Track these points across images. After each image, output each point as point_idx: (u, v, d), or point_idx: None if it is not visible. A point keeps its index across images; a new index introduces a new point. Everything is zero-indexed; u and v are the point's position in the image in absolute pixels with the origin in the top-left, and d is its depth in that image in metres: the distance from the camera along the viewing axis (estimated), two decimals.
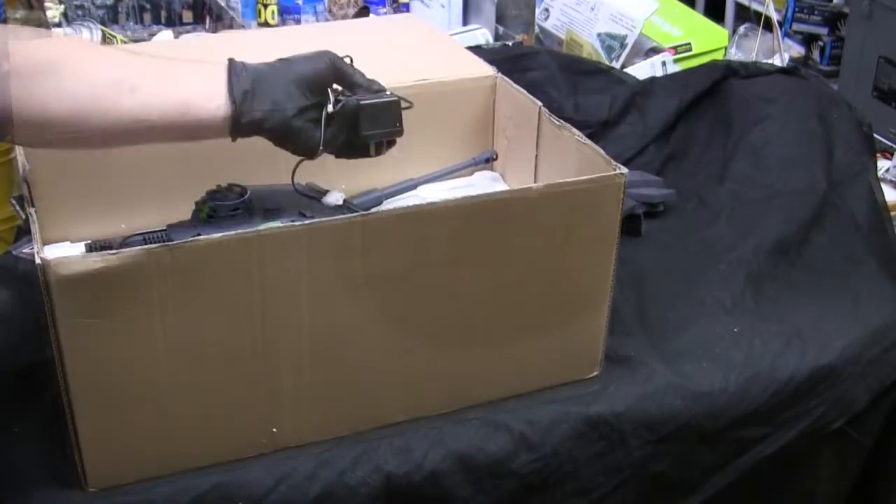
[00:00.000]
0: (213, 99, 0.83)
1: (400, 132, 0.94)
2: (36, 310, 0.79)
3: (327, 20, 2.02)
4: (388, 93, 0.93)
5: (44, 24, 1.69)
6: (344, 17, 2.02)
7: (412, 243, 0.87)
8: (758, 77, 1.46)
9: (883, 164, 1.61)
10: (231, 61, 0.85)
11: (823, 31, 3.22)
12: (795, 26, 3.26)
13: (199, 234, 0.84)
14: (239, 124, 0.83)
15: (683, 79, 1.51)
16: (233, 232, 0.80)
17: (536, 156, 1.12)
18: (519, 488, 0.95)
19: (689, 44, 1.85)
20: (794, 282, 1.17)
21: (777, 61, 1.98)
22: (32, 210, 0.87)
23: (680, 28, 1.89)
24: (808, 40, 3.28)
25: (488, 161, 1.22)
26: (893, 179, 1.61)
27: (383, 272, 0.86)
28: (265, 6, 1.98)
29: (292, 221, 0.92)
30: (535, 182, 1.12)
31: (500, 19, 1.99)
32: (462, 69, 1.20)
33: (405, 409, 0.94)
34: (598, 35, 1.84)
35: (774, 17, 2.04)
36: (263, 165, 0.96)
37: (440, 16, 1.99)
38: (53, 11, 1.97)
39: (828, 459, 1.13)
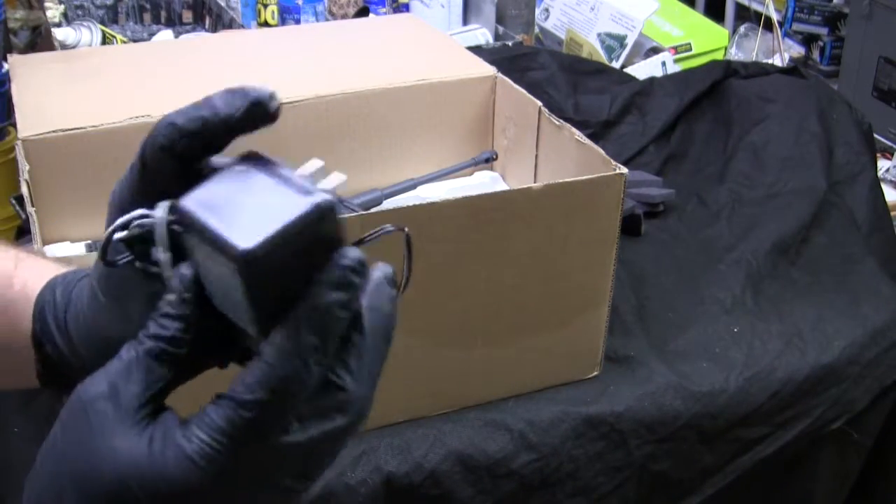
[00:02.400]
0: None
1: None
2: None
3: (327, 20, 2.02)
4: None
5: (44, 24, 1.69)
6: (344, 16, 2.02)
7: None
8: (758, 77, 1.46)
9: (883, 164, 1.62)
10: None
11: (823, 31, 3.22)
12: (795, 26, 3.26)
13: None
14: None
15: (683, 79, 1.51)
16: None
17: (536, 155, 1.12)
18: (519, 488, 0.95)
19: (689, 44, 1.86)
20: (794, 282, 1.17)
21: (777, 61, 1.98)
22: (32, 210, 0.87)
23: (680, 28, 1.90)
24: (808, 40, 3.28)
25: (488, 161, 1.22)
26: (893, 179, 1.62)
27: None
28: (265, 6, 1.98)
29: None
30: (535, 182, 1.12)
31: (500, 19, 1.99)
32: (462, 69, 1.20)
33: (405, 409, 0.94)
34: (599, 35, 1.84)
35: (774, 17, 2.05)
36: None
37: (440, 16, 1.99)
38: (53, 11, 1.97)
39: (828, 459, 1.13)
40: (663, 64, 1.77)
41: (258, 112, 0.41)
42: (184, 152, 0.41)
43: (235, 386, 0.37)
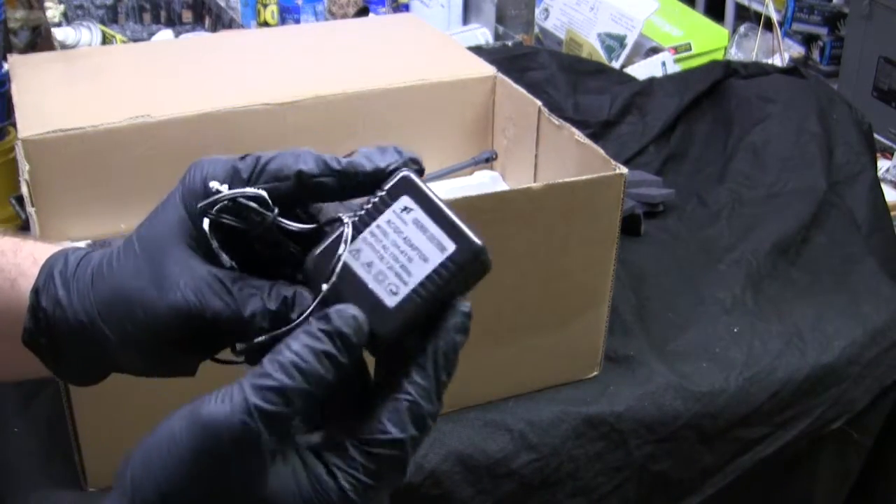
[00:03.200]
0: None
1: None
2: None
3: (327, 20, 2.02)
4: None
5: (44, 24, 1.69)
6: (344, 16, 2.02)
7: None
8: (758, 77, 1.46)
9: (883, 164, 1.62)
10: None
11: (823, 31, 3.22)
12: (795, 26, 3.26)
13: None
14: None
15: (683, 79, 1.52)
16: None
17: (536, 155, 1.12)
18: (519, 488, 0.95)
19: (689, 44, 1.86)
20: (794, 282, 1.17)
21: (777, 61, 1.98)
22: (32, 210, 0.86)
23: (680, 28, 1.90)
24: (808, 40, 3.27)
25: (488, 160, 1.22)
26: (893, 179, 1.61)
27: None
28: (265, 6, 1.98)
29: None
30: (534, 181, 1.12)
31: (500, 19, 1.99)
32: (462, 69, 1.20)
33: None
34: (598, 35, 1.84)
35: (774, 17, 2.05)
36: None
37: (440, 16, 1.99)
38: (53, 11, 1.97)
39: (828, 459, 1.13)
40: (663, 64, 1.77)
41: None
42: (313, 191, 0.44)
43: (381, 426, 0.40)
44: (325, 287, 0.40)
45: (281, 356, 0.38)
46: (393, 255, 0.41)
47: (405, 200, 0.42)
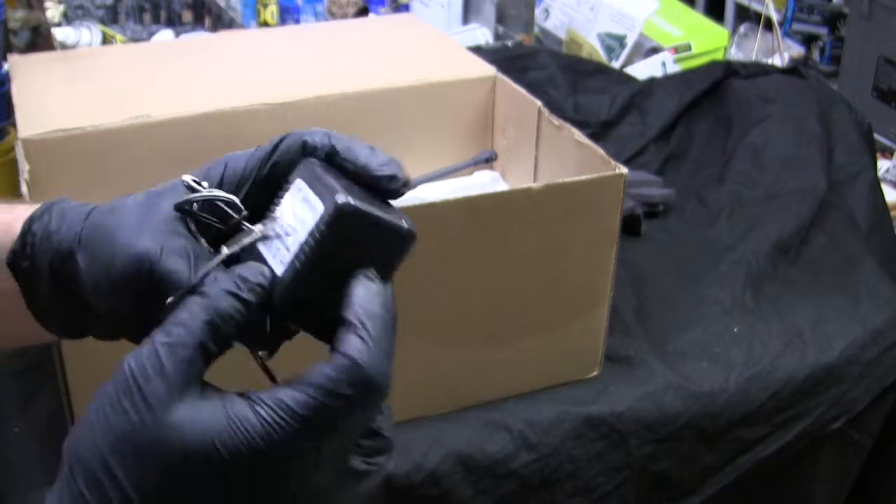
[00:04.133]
0: None
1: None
2: None
3: (327, 20, 2.02)
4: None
5: (44, 24, 1.69)
6: (344, 16, 2.03)
7: None
8: (758, 77, 1.46)
9: (883, 164, 1.62)
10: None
11: (823, 31, 3.22)
12: (795, 26, 3.25)
13: None
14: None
15: (683, 79, 1.52)
16: None
17: (536, 155, 1.12)
18: (519, 488, 0.95)
19: (689, 44, 1.86)
20: (794, 282, 1.17)
21: (777, 61, 1.98)
22: None
23: (680, 28, 1.90)
24: (807, 40, 3.27)
25: (488, 161, 1.22)
26: (893, 179, 1.62)
27: None
28: (265, 6, 1.99)
29: None
30: (534, 181, 1.12)
31: (500, 19, 1.99)
32: (462, 69, 1.20)
33: (405, 409, 0.94)
34: (598, 35, 1.84)
35: (774, 17, 2.05)
36: None
37: (440, 16, 1.99)
38: (53, 11, 1.97)
39: (828, 459, 1.13)
40: (663, 64, 1.77)
41: (393, 187, 0.46)
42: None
43: (318, 377, 0.42)
44: (225, 250, 0.44)
45: (189, 299, 0.42)
46: (285, 230, 0.44)
47: (299, 183, 0.45)
